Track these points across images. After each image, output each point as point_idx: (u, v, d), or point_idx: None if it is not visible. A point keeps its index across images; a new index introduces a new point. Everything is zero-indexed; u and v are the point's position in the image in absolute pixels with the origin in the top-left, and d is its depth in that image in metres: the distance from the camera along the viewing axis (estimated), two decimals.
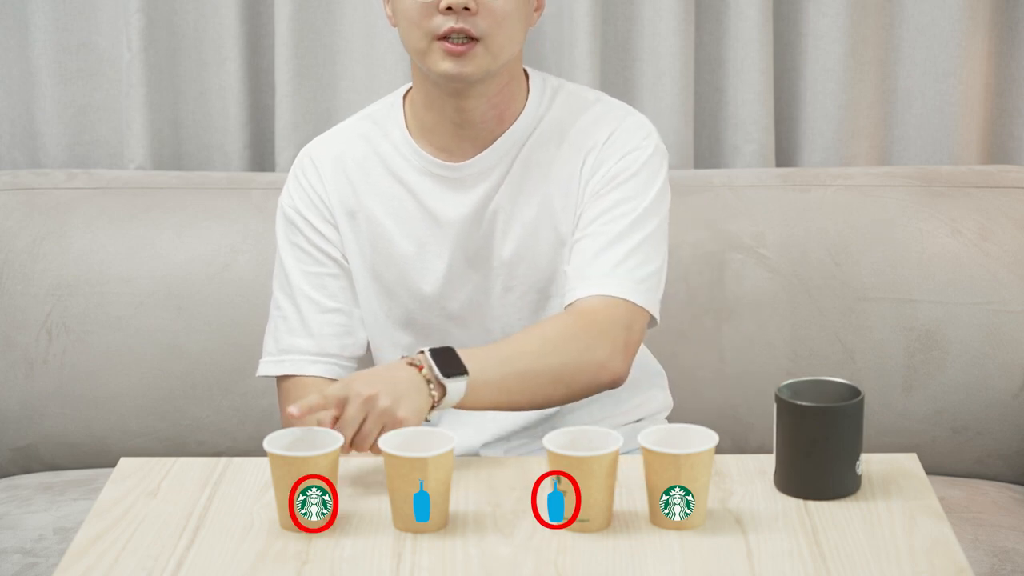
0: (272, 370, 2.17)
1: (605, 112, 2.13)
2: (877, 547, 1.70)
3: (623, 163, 2.09)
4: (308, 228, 2.15)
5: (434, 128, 2.10)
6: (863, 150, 2.84)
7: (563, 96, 2.14)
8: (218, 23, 2.80)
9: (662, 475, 1.73)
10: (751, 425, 2.58)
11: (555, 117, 2.12)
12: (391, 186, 2.13)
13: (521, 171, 2.11)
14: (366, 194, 2.14)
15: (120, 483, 1.88)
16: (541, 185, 2.11)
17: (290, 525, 1.74)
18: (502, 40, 2.01)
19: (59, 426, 2.62)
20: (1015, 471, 2.62)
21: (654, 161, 2.10)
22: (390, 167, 2.13)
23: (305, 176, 2.17)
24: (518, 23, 2.02)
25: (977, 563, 2.26)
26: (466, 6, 1.97)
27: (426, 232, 2.12)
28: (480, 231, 2.12)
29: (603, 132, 2.11)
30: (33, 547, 2.36)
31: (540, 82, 2.14)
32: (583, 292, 2.04)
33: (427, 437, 1.75)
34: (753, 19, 2.76)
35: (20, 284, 2.60)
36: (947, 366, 2.58)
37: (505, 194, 2.11)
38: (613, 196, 2.08)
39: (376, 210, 2.14)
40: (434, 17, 1.99)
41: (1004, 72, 2.84)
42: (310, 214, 2.15)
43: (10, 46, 2.83)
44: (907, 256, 2.59)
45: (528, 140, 2.11)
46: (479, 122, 2.08)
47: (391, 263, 2.14)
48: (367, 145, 2.15)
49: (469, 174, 2.11)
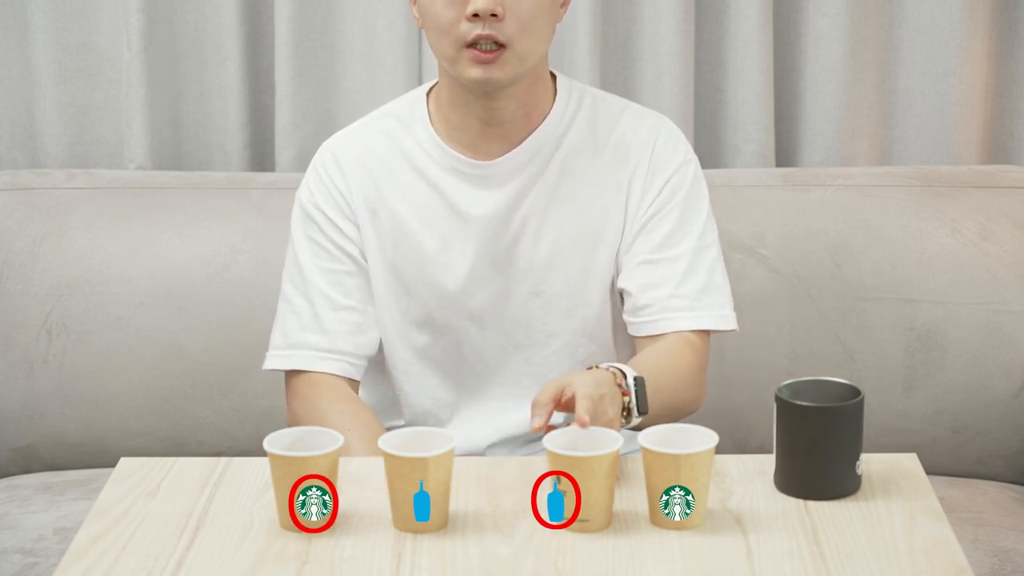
0: (280, 364, 2.16)
1: (638, 120, 2.15)
2: (877, 547, 1.70)
3: (676, 180, 2.13)
4: (327, 224, 2.15)
5: (461, 127, 2.10)
6: (863, 150, 2.84)
7: (590, 100, 2.15)
8: (218, 23, 2.80)
9: (662, 475, 1.73)
10: (751, 425, 2.58)
11: (587, 121, 2.13)
12: (415, 183, 2.13)
13: (556, 177, 2.11)
14: (389, 191, 2.13)
15: (120, 483, 1.88)
16: (579, 194, 2.12)
17: (290, 525, 1.74)
18: (530, 44, 2.02)
19: (59, 426, 2.62)
20: (1015, 471, 2.63)
21: (697, 168, 2.16)
22: (414, 164, 2.13)
23: (327, 172, 2.16)
24: (545, 24, 2.03)
25: (977, 563, 2.26)
26: (493, 12, 1.97)
27: (450, 229, 2.12)
28: (508, 233, 2.12)
29: (644, 145, 2.13)
30: (33, 547, 2.36)
31: (566, 83, 2.15)
32: (685, 325, 2.11)
33: (427, 437, 1.75)
34: (753, 19, 2.76)
35: (20, 284, 2.60)
36: (947, 366, 2.58)
37: (538, 199, 2.11)
38: (674, 216, 2.12)
39: (399, 207, 2.13)
40: (462, 24, 1.99)
41: (1004, 72, 2.84)
42: (330, 210, 2.15)
43: (10, 46, 2.83)
44: (907, 256, 2.59)
45: (561, 144, 2.12)
46: (507, 121, 2.09)
47: (413, 260, 2.14)
48: (390, 142, 2.15)
49: (497, 172, 2.11)
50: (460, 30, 2.00)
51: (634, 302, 2.13)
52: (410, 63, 2.79)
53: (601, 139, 2.13)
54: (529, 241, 2.12)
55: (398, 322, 2.16)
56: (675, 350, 2.10)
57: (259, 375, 2.57)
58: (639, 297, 2.12)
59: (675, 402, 2.05)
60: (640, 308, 2.13)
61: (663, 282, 2.12)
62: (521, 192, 2.11)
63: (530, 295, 2.14)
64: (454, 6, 1.99)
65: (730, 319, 2.14)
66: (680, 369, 2.08)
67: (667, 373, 2.04)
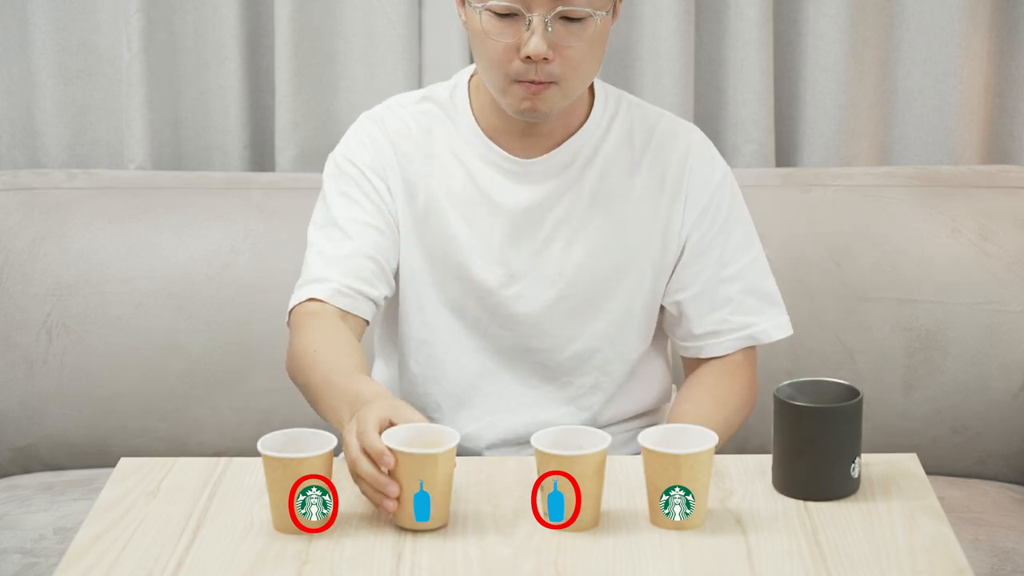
0: (301, 295, 2.09)
1: (672, 135, 2.16)
2: (877, 547, 1.70)
3: (717, 199, 2.15)
4: (361, 177, 2.13)
5: (501, 129, 2.11)
6: (863, 150, 2.84)
7: (626, 106, 2.16)
8: (218, 23, 2.80)
9: (662, 475, 1.73)
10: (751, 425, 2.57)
11: (623, 129, 2.14)
12: (452, 166, 2.13)
13: (594, 187, 2.12)
14: (427, 169, 2.13)
15: (120, 483, 1.88)
16: (615, 204, 2.12)
17: (286, 527, 1.73)
18: (577, 83, 2.03)
19: (59, 426, 2.62)
20: (1015, 471, 2.63)
21: (731, 178, 2.18)
22: (454, 149, 2.13)
23: (369, 136, 2.15)
24: (594, 62, 2.04)
25: (977, 563, 2.26)
26: (545, 56, 1.98)
27: (481, 217, 2.12)
28: (540, 234, 2.12)
29: (680, 166, 2.14)
30: (33, 547, 2.36)
31: (602, 89, 2.16)
32: (744, 344, 2.17)
33: (429, 436, 1.75)
34: (753, 19, 2.76)
35: (20, 284, 2.60)
36: (947, 366, 2.58)
37: (574, 206, 2.12)
38: (721, 237, 2.15)
39: (435, 186, 2.13)
40: (514, 62, 2.00)
41: (1004, 72, 2.84)
42: (366, 165, 2.13)
43: (10, 46, 2.83)
44: (907, 256, 2.59)
45: (599, 151, 2.12)
46: (547, 132, 2.11)
47: (441, 241, 2.13)
48: (433, 123, 2.14)
49: (534, 171, 2.11)
50: (512, 67, 2.00)
51: (690, 328, 2.17)
52: (410, 63, 2.79)
53: (638, 150, 2.14)
54: (562, 246, 2.12)
55: (420, 298, 2.15)
56: (725, 378, 2.17)
57: (259, 375, 2.57)
58: (697, 324, 2.16)
59: (732, 430, 2.16)
60: (698, 335, 2.17)
61: (722, 306, 2.16)
62: (556, 194, 2.12)
63: (557, 299, 2.13)
64: (508, 46, 1.99)
65: (786, 326, 2.19)
66: (739, 396, 2.17)
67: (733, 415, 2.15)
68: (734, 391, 2.17)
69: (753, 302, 2.17)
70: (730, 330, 2.16)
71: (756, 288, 2.17)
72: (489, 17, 1.99)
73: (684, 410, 2.12)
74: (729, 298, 2.16)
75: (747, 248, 2.17)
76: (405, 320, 2.17)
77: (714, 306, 2.15)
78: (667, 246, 2.14)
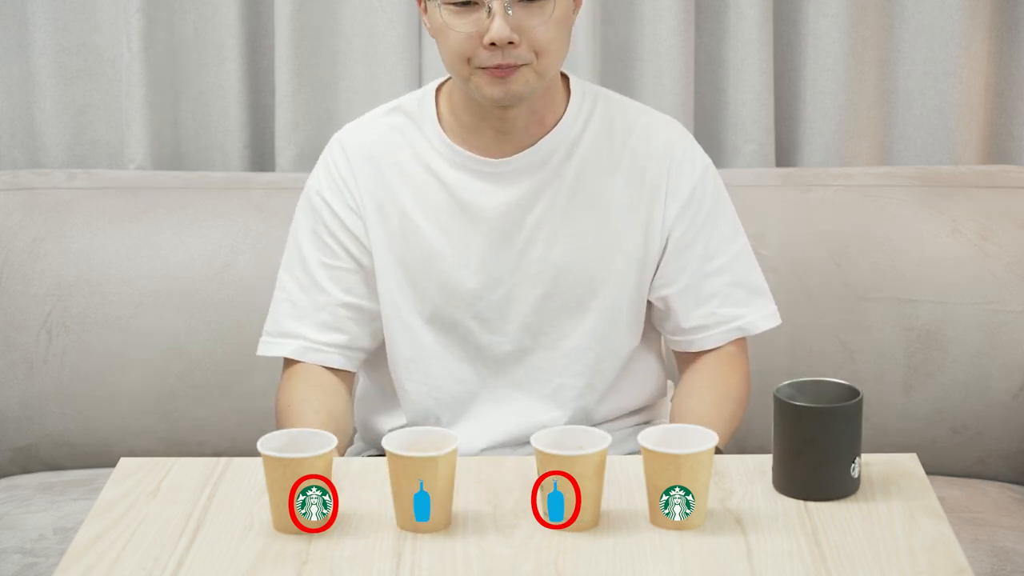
0: (270, 351, 2.18)
1: (651, 130, 2.15)
2: (877, 547, 1.70)
3: (699, 193, 2.15)
4: (331, 218, 2.14)
5: (473, 130, 2.10)
6: (863, 150, 2.84)
7: (603, 102, 2.16)
8: (218, 23, 2.80)
9: (662, 475, 1.73)
10: (751, 425, 2.57)
11: (601, 125, 2.14)
12: (424, 179, 2.13)
13: (572, 183, 2.12)
14: (397, 186, 2.13)
15: (120, 483, 1.88)
16: (596, 200, 2.12)
17: (286, 527, 1.73)
18: (546, 63, 2.02)
19: (59, 426, 2.62)
20: (1015, 471, 2.63)
21: (713, 172, 2.19)
22: (423, 160, 2.13)
23: (335, 164, 2.16)
24: (562, 41, 2.03)
25: (977, 563, 2.26)
26: (509, 40, 1.98)
27: (458, 226, 2.12)
28: (521, 235, 2.12)
29: (661, 161, 2.14)
30: (33, 547, 2.36)
31: (579, 86, 2.15)
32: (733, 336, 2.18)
33: (430, 437, 1.75)
34: (753, 19, 2.76)
35: (20, 284, 2.60)
36: (947, 366, 2.58)
37: (553, 203, 2.11)
38: (706, 231, 2.15)
39: (407, 202, 2.13)
40: (478, 51, 1.99)
41: (1004, 72, 2.84)
42: (335, 202, 2.14)
43: (10, 46, 2.83)
44: (907, 256, 2.59)
45: (576, 148, 2.12)
46: (521, 127, 2.09)
47: (420, 256, 2.13)
48: (400, 137, 2.15)
49: (507, 171, 2.11)
50: (477, 56, 2.00)
51: (678, 323, 2.17)
52: (410, 63, 2.79)
53: (617, 146, 2.13)
54: (544, 244, 2.12)
55: (404, 318, 2.16)
56: (723, 370, 2.18)
57: (259, 375, 2.57)
58: (685, 318, 2.17)
59: (736, 422, 2.18)
60: (687, 329, 2.17)
61: (708, 300, 2.16)
62: (533, 194, 2.11)
63: (544, 298, 2.13)
64: (470, 36, 1.99)
65: (774, 316, 2.20)
66: (741, 389, 2.19)
67: (736, 407, 2.18)
68: (735, 383, 2.18)
69: (740, 294, 2.17)
70: (718, 323, 2.16)
71: (742, 280, 2.17)
72: (448, 11, 2.00)
73: (688, 406, 2.13)
74: (716, 291, 2.16)
75: (732, 240, 2.17)
76: (392, 341, 2.18)
77: (701, 300, 2.16)
78: (650, 241, 2.14)
